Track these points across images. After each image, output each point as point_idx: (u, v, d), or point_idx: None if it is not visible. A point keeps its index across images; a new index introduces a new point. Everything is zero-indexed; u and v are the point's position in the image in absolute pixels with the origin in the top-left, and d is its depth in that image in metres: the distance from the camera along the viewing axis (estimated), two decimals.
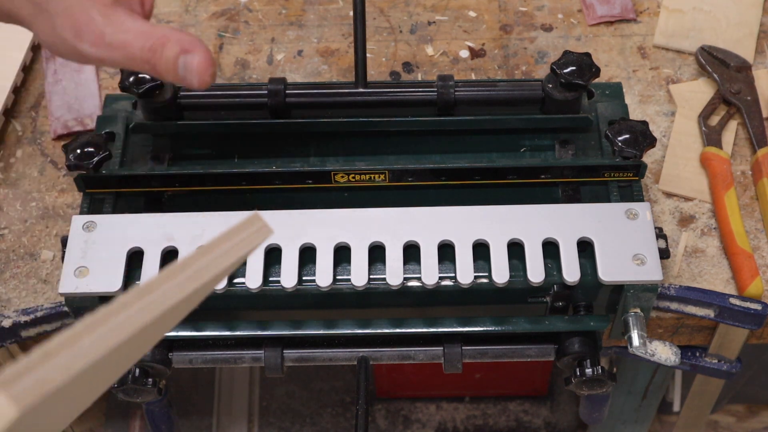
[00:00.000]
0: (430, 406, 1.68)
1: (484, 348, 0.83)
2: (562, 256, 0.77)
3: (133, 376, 0.81)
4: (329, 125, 0.86)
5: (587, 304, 0.81)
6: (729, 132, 0.95)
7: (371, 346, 0.83)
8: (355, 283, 0.77)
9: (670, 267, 0.86)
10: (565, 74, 0.83)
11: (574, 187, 0.84)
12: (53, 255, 0.88)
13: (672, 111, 0.97)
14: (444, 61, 1.02)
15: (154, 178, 0.83)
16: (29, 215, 0.91)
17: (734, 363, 0.91)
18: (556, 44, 1.03)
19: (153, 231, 0.79)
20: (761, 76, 0.98)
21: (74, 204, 0.91)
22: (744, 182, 0.92)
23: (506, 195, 0.83)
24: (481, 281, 0.78)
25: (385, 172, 0.83)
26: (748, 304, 0.82)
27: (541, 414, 1.68)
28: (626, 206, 0.80)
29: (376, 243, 0.78)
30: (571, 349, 0.81)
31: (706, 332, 0.88)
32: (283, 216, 0.80)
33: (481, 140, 0.88)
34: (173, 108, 0.85)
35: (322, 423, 1.67)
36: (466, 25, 1.05)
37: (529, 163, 0.83)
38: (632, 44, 1.03)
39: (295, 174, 0.83)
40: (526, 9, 1.06)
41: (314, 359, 0.83)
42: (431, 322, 0.81)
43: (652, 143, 0.81)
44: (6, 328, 0.83)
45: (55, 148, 0.96)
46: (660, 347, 0.83)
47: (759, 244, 0.88)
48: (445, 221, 0.79)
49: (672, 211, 0.90)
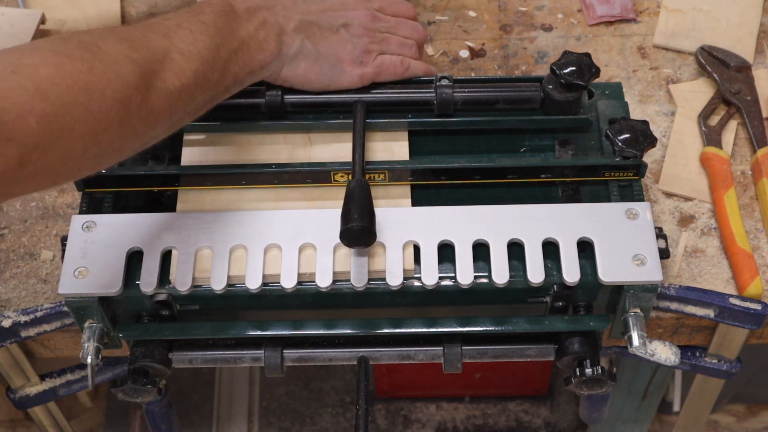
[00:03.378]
0: (430, 406, 1.69)
1: (484, 348, 0.83)
2: (562, 257, 0.77)
3: (133, 376, 0.81)
4: (329, 125, 0.86)
5: (587, 304, 0.81)
6: (729, 132, 0.95)
7: (371, 346, 0.83)
8: (355, 284, 0.77)
9: (670, 267, 0.86)
10: (565, 75, 0.83)
11: (574, 187, 0.84)
12: (53, 255, 0.88)
13: (672, 111, 0.97)
14: (444, 61, 1.02)
15: (154, 178, 0.83)
16: (29, 215, 0.91)
17: (734, 363, 0.91)
18: (556, 44, 1.03)
19: (153, 231, 0.79)
20: (761, 76, 0.98)
21: (74, 204, 0.91)
22: (744, 182, 0.92)
23: (506, 195, 0.83)
24: (481, 281, 0.78)
25: (385, 172, 0.83)
26: (748, 304, 0.82)
27: (541, 414, 1.68)
28: (626, 206, 0.80)
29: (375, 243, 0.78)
30: (571, 349, 0.81)
31: (706, 332, 0.88)
32: (283, 216, 0.80)
33: (481, 140, 0.88)
34: None
35: (322, 423, 1.67)
36: (466, 25, 1.05)
37: (529, 163, 0.83)
38: (632, 44, 1.03)
39: (295, 173, 0.83)
40: (526, 9, 1.06)
41: (314, 359, 0.83)
42: (431, 322, 0.81)
43: (653, 143, 0.81)
44: (6, 328, 0.83)
45: None
46: (660, 347, 0.83)
47: (759, 244, 0.88)
48: (444, 221, 0.79)
49: (672, 211, 0.90)
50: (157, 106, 0.68)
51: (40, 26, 1.02)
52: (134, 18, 1.06)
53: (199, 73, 0.72)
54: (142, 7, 1.07)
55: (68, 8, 1.06)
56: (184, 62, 0.71)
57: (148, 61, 0.68)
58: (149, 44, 0.69)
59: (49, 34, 1.04)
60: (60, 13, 1.05)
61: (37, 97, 0.60)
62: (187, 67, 0.71)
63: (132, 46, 0.68)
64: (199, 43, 0.73)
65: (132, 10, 1.07)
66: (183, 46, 0.71)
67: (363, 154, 0.81)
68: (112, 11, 1.06)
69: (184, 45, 0.72)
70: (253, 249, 0.78)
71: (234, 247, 0.78)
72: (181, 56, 0.71)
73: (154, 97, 0.68)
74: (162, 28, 0.72)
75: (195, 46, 0.72)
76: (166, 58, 0.70)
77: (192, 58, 0.71)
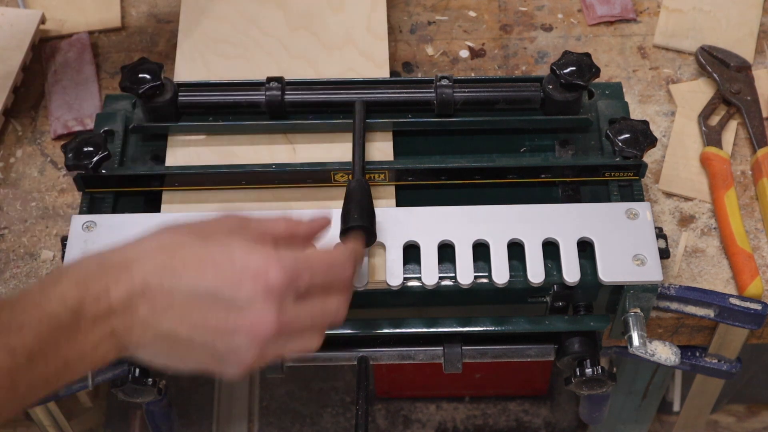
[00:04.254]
0: (430, 406, 1.68)
1: (484, 348, 0.83)
2: (562, 257, 0.77)
3: (133, 376, 0.81)
4: (329, 125, 0.86)
5: (587, 304, 0.81)
6: (729, 132, 0.95)
7: (371, 346, 0.83)
8: (355, 283, 0.77)
9: (670, 267, 0.86)
10: (565, 75, 0.83)
11: (574, 187, 0.84)
12: (53, 255, 0.88)
13: (672, 111, 0.97)
14: (444, 61, 1.02)
15: (154, 178, 0.83)
16: (29, 215, 0.91)
17: (734, 363, 0.91)
18: (556, 44, 1.03)
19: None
20: (761, 76, 0.98)
21: (74, 204, 0.91)
22: (744, 182, 0.92)
23: (506, 195, 0.83)
24: (481, 281, 0.78)
25: (385, 172, 0.83)
26: (748, 304, 0.82)
27: (541, 414, 1.68)
28: (626, 206, 0.80)
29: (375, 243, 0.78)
30: (571, 349, 0.81)
31: (706, 332, 0.88)
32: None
33: (482, 140, 0.87)
34: (173, 108, 0.85)
35: (322, 423, 1.67)
36: (466, 25, 1.05)
37: (530, 163, 0.83)
38: (632, 44, 1.03)
39: (295, 173, 0.83)
40: (526, 9, 1.06)
41: (314, 359, 0.83)
42: (431, 322, 0.81)
43: (653, 143, 0.81)
44: None
45: (55, 148, 0.96)
46: (660, 347, 0.83)
47: (759, 244, 0.88)
48: (445, 221, 0.79)
49: (672, 211, 0.90)
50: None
51: (40, 26, 1.02)
52: (134, 18, 1.06)
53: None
54: (142, 7, 1.07)
55: (68, 8, 1.06)
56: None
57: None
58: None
59: (49, 34, 1.04)
60: (60, 13, 1.05)
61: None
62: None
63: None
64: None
65: (132, 10, 1.07)
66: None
67: (363, 154, 0.81)
68: (112, 11, 1.06)
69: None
70: None
71: None
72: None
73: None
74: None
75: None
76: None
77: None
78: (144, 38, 1.04)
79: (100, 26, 1.05)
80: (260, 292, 0.60)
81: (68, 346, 0.58)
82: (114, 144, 0.85)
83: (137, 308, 0.59)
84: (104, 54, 1.03)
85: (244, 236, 0.63)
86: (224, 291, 0.59)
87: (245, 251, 0.61)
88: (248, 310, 0.60)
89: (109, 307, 0.59)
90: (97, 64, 1.02)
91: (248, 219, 0.66)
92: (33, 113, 0.99)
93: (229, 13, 0.98)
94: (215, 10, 0.98)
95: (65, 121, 0.97)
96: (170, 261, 0.60)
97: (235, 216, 0.66)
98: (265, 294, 0.60)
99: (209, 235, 0.63)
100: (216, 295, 0.59)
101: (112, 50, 1.03)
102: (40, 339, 0.57)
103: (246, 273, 0.60)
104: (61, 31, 1.04)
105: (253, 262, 0.60)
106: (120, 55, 1.03)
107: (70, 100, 0.98)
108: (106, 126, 0.86)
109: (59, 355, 0.58)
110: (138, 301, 0.59)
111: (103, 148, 0.81)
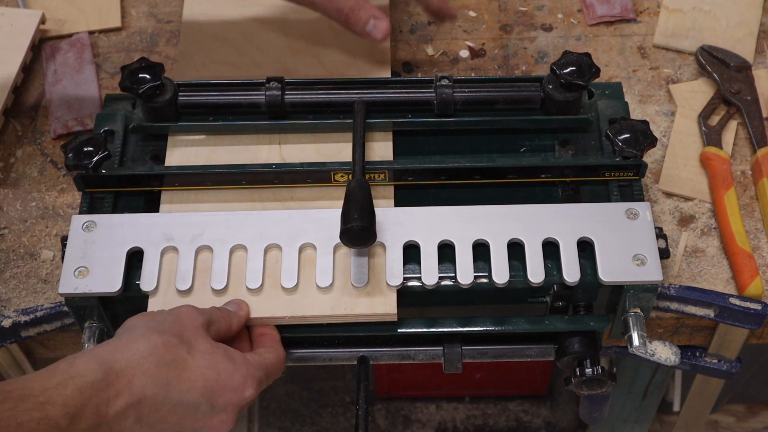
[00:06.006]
0: (430, 406, 1.69)
1: (484, 348, 0.83)
2: (562, 257, 0.77)
3: None
4: (329, 125, 0.86)
5: (587, 304, 0.81)
6: (729, 132, 0.95)
7: (371, 346, 0.83)
8: (355, 284, 0.77)
9: (670, 267, 0.86)
10: (565, 75, 0.83)
11: (574, 187, 0.84)
12: (53, 255, 0.88)
13: (672, 111, 0.97)
14: (444, 61, 1.02)
15: (154, 178, 0.83)
16: (29, 215, 0.91)
17: (734, 363, 0.91)
18: (556, 44, 1.03)
19: (153, 231, 0.79)
20: (761, 76, 0.98)
21: (74, 204, 0.91)
22: (744, 182, 0.92)
23: (506, 194, 0.83)
24: (481, 281, 0.78)
25: (385, 172, 0.83)
26: (748, 304, 0.82)
27: (541, 414, 1.68)
28: (626, 206, 0.80)
29: (375, 243, 0.78)
30: (571, 349, 0.81)
31: (706, 332, 0.88)
32: (283, 216, 0.80)
33: (482, 140, 0.87)
34: (173, 108, 0.85)
35: (322, 423, 1.67)
36: (466, 25, 1.05)
37: (530, 163, 0.83)
38: (632, 44, 1.03)
39: (295, 173, 0.83)
40: (526, 9, 1.06)
41: (314, 359, 0.83)
42: (431, 322, 0.81)
43: (653, 143, 0.81)
44: (6, 328, 0.83)
45: (55, 148, 0.96)
46: (660, 347, 0.83)
47: (759, 244, 0.88)
48: (445, 221, 0.79)
49: (672, 211, 0.90)
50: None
51: (40, 26, 1.02)
52: (134, 18, 1.06)
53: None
54: (142, 7, 1.07)
55: (68, 8, 1.06)
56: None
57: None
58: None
59: (49, 34, 1.04)
60: (60, 13, 1.05)
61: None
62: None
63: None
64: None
65: (132, 10, 1.07)
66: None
67: (363, 154, 0.81)
68: (112, 11, 1.06)
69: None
70: (254, 249, 0.78)
71: (234, 247, 0.78)
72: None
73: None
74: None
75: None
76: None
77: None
78: (144, 38, 1.04)
79: (100, 26, 1.05)
80: (234, 404, 0.70)
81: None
82: (114, 144, 0.85)
83: (127, 418, 0.65)
84: (104, 54, 1.03)
85: (223, 347, 0.71)
86: (206, 402, 0.68)
87: (229, 369, 0.70)
88: (219, 414, 0.70)
89: (105, 417, 0.63)
90: (97, 64, 1.02)
91: (209, 314, 0.73)
92: (33, 113, 0.99)
93: (230, 13, 0.98)
94: (217, 10, 0.98)
95: (65, 121, 0.97)
96: (166, 375, 0.67)
97: (197, 313, 0.72)
98: (238, 404, 0.70)
99: (189, 339, 0.70)
100: (198, 405, 0.68)
101: (112, 50, 1.03)
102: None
103: (228, 388, 0.69)
104: (61, 31, 1.04)
105: (235, 381, 0.70)
106: (120, 55, 1.03)
107: (70, 100, 0.98)
108: (106, 126, 0.86)
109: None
110: (130, 411, 0.65)
111: (103, 148, 0.81)
